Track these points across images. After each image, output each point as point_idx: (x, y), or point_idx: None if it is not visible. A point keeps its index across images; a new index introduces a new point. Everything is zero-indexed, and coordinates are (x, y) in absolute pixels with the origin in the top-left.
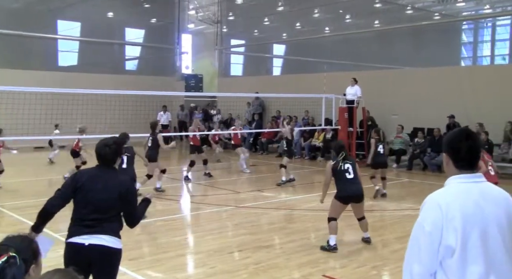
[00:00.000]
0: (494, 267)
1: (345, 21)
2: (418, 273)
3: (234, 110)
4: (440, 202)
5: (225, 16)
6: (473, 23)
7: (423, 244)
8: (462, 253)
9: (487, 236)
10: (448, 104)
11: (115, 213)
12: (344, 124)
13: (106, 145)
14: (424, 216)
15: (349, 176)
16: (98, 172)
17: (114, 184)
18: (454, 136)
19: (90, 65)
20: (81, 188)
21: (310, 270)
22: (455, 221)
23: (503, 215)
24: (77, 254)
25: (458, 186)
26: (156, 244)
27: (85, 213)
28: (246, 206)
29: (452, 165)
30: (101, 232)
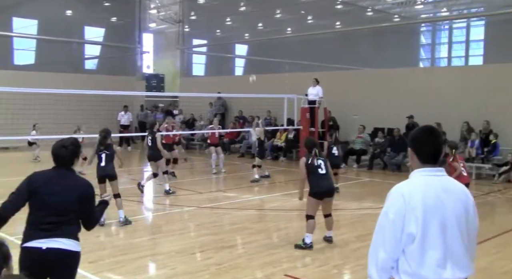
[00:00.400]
0: (451, 254)
1: (307, 22)
2: (382, 259)
3: (196, 110)
4: (404, 192)
5: (187, 15)
6: (431, 25)
7: (388, 232)
8: (421, 240)
9: (446, 226)
10: (407, 104)
11: (73, 216)
12: (306, 124)
13: (63, 146)
14: (388, 205)
15: (322, 171)
16: (55, 174)
17: (73, 186)
18: (419, 132)
19: (48, 64)
20: (37, 191)
21: (272, 270)
22: (417, 211)
23: (461, 207)
24: (34, 258)
25: (421, 178)
26: (116, 246)
27: (42, 216)
28: (209, 206)
29: (417, 159)
30: (59, 236)
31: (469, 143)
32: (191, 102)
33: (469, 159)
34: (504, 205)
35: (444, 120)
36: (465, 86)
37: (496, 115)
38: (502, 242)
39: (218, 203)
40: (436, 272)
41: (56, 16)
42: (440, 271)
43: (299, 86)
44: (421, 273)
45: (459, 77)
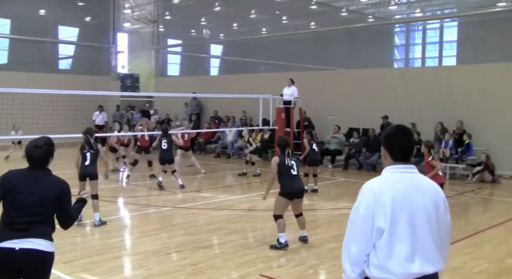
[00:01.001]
0: (420, 249)
1: (282, 22)
2: (355, 253)
3: (171, 110)
4: (374, 188)
5: (162, 15)
6: (405, 26)
7: (359, 227)
8: (390, 235)
9: (415, 221)
10: (382, 105)
11: (48, 216)
12: (282, 125)
13: (36, 146)
14: (359, 201)
15: (294, 172)
16: (30, 174)
17: (49, 186)
18: (392, 131)
19: (21, 63)
20: (12, 190)
21: (248, 270)
22: (386, 206)
23: (431, 204)
24: (7, 259)
25: (391, 175)
26: (91, 246)
27: (16, 216)
28: (184, 206)
29: (389, 157)
30: (32, 236)
31: (443, 143)
32: (166, 102)
33: (443, 159)
34: (478, 205)
35: (418, 120)
36: (439, 87)
37: (469, 116)
38: (476, 242)
39: (194, 203)
40: (403, 265)
41: (30, 16)
42: (408, 265)
43: (274, 86)
44: (388, 266)
45: (433, 77)
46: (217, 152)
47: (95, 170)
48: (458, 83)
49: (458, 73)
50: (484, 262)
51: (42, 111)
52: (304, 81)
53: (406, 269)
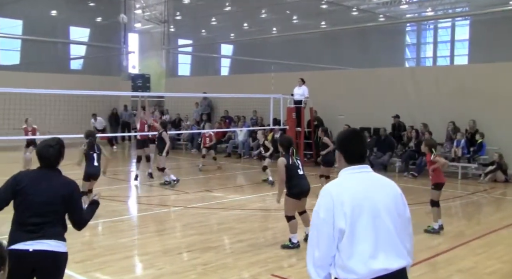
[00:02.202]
0: (383, 246)
1: (292, 21)
2: (318, 257)
3: (182, 110)
4: (331, 191)
5: (172, 15)
6: (416, 25)
7: (320, 230)
8: (351, 234)
9: (375, 219)
10: (393, 104)
11: (58, 217)
12: (292, 124)
13: (49, 145)
14: (318, 205)
15: (301, 172)
16: (40, 174)
17: (58, 186)
18: (344, 135)
19: (33, 64)
20: (22, 191)
21: (258, 270)
22: (345, 206)
23: (389, 199)
24: (21, 260)
25: (348, 176)
26: (103, 246)
27: (27, 217)
28: (195, 206)
29: (343, 160)
30: (44, 237)
31: (455, 143)
32: (177, 102)
33: (455, 159)
34: (490, 205)
35: (429, 120)
36: (451, 86)
37: (482, 115)
38: (488, 242)
39: (205, 203)
40: (366, 263)
41: (41, 16)
42: (371, 262)
43: (285, 86)
44: (350, 265)
45: (444, 76)
46: (228, 151)
47: (99, 169)
48: (470, 82)
49: (470, 72)
50: (496, 262)
51: (54, 112)
52: (315, 80)
53: (369, 266)
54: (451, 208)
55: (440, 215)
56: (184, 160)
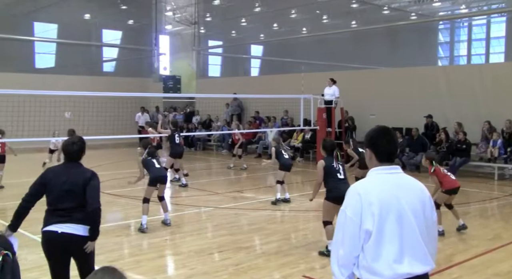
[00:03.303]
0: (408, 248)
1: (322, 21)
2: (342, 256)
3: (212, 111)
4: (359, 190)
5: (202, 17)
6: (449, 23)
7: (346, 229)
8: (377, 236)
9: (402, 221)
10: (425, 104)
11: (82, 203)
12: (323, 125)
13: (73, 143)
14: (346, 204)
15: (340, 176)
16: (64, 168)
17: (77, 175)
18: (374, 133)
19: (67, 67)
20: (50, 183)
21: (290, 271)
22: (373, 207)
23: (417, 202)
24: (52, 240)
25: (377, 176)
26: (135, 246)
27: (55, 205)
28: (226, 207)
29: (375, 159)
30: (71, 222)
31: (491, 143)
32: (208, 103)
33: (491, 159)
34: None
35: (464, 120)
36: (486, 85)
37: None
38: None
39: (236, 204)
40: (392, 267)
41: (75, 20)
42: (396, 266)
43: (315, 86)
44: (376, 268)
45: (479, 75)
46: (258, 152)
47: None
48: (506, 81)
49: (506, 70)
50: None
51: (87, 113)
52: (345, 80)
53: (395, 271)
54: (487, 210)
55: (440, 221)
56: (214, 160)
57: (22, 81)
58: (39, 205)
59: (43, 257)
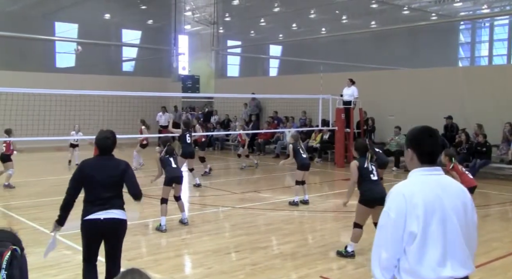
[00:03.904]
0: (450, 252)
1: (341, 21)
2: (385, 259)
3: (231, 111)
4: (404, 192)
5: (222, 17)
6: (470, 23)
7: (389, 231)
8: (422, 239)
9: (445, 223)
10: (445, 105)
11: (119, 191)
12: (341, 125)
13: (107, 137)
14: (389, 205)
15: (374, 177)
16: (99, 160)
17: (113, 165)
18: (418, 133)
19: (87, 66)
20: (88, 175)
21: (307, 271)
22: (418, 209)
23: (460, 204)
24: (94, 227)
25: (419, 178)
26: (153, 245)
27: (95, 195)
28: (243, 206)
29: (416, 160)
30: (111, 208)
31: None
32: (226, 103)
33: None
34: None
35: (484, 121)
36: (507, 86)
37: None
38: None
39: (253, 204)
40: (436, 270)
41: (95, 20)
42: (440, 270)
43: (334, 87)
44: (419, 271)
45: (500, 76)
46: (276, 152)
47: (181, 172)
48: None
49: None
50: None
51: (107, 112)
52: (365, 81)
53: (438, 274)
54: (508, 212)
55: None
56: (232, 160)
57: (43, 80)
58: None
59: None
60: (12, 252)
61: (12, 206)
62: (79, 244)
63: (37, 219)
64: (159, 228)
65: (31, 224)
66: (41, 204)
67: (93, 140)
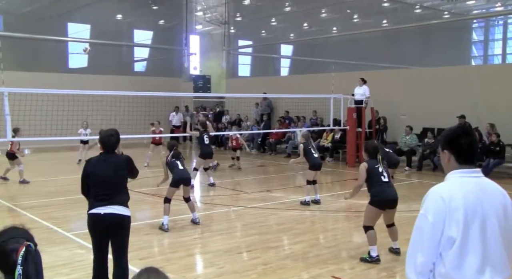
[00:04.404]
0: (490, 259)
1: (353, 20)
2: (421, 263)
3: (242, 110)
4: (443, 194)
5: (233, 17)
6: (483, 21)
7: (426, 235)
8: (462, 244)
9: (486, 228)
10: (458, 104)
11: (122, 186)
12: (353, 125)
13: (111, 135)
14: (427, 208)
15: (385, 179)
16: (103, 158)
17: (117, 163)
18: (454, 133)
19: (99, 66)
20: (92, 173)
21: (318, 271)
22: (458, 213)
23: (500, 208)
24: (96, 221)
25: (458, 180)
26: (165, 244)
27: (99, 190)
28: (255, 206)
29: (454, 161)
30: (113, 204)
31: None
32: (237, 103)
33: None
34: None
35: (497, 120)
36: None
37: None
38: None
39: (265, 203)
40: (474, 277)
41: (107, 21)
42: (479, 277)
43: (345, 86)
44: (457, 277)
45: None
46: (288, 152)
47: (189, 174)
48: None
49: None
50: None
51: (119, 112)
52: (376, 80)
53: None
54: None
55: None
56: (244, 160)
57: (56, 81)
58: (70, 204)
59: (76, 254)
60: (26, 248)
61: (25, 206)
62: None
63: (50, 218)
64: (162, 228)
65: (45, 223)
66: (54, 204)
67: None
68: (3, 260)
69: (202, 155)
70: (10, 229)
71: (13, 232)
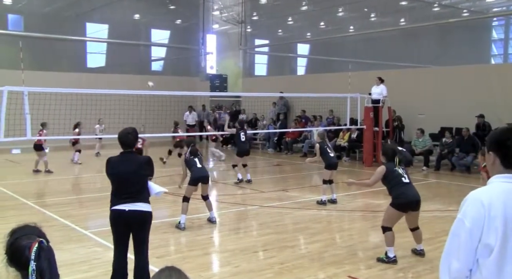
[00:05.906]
0: None
1: (370, 19)
2: (456, 269)
3: (258, 110)
4: (483, 200)
5: (249, 16)
6: (504, 19)
7: (463, 241)
8: (500, 253)
9: None
10: (477, 103)
11: (143, 184)
12: (370, 124)
13: (128, 133)
14: (465, 213)
15: (405, 180)
16: (122, 157)
17: (137, 162)
18: (503, 134)
19: (117, 66)
20: (114, 172)
21: (335, 271)
22: (497, 220)
23: None
24: (120, 217)
25: (501, 185)
26: (182, 242)
27: (122, 188)
28: (271, 205)
29: (500, 164)
30: (136, 201)
31: None
32: (254, 102)
33: None
34: None
35: None
36: None
37: None
38: None
39: (281, 203)
40: None
41: (125, 21)
42: None
43: (362, 85)
44: None
45: None
46: (304, 151)
47: (207, 171)
48: None
49: None
50: None
51: (136, 111)
52: (394, 79)
53: None
54: None
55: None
56: (260, 159)
57: (75, 80)
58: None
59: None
60: (39, 244)
61: (45, 204)
62: (110, 242)
63: (69, 216)
64: (178, 226)
65: (63, 221)
66: (73, 202)
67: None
68: (17, 256)
69: (239, 153)
70: (23, 227)
71: (26, 230)
